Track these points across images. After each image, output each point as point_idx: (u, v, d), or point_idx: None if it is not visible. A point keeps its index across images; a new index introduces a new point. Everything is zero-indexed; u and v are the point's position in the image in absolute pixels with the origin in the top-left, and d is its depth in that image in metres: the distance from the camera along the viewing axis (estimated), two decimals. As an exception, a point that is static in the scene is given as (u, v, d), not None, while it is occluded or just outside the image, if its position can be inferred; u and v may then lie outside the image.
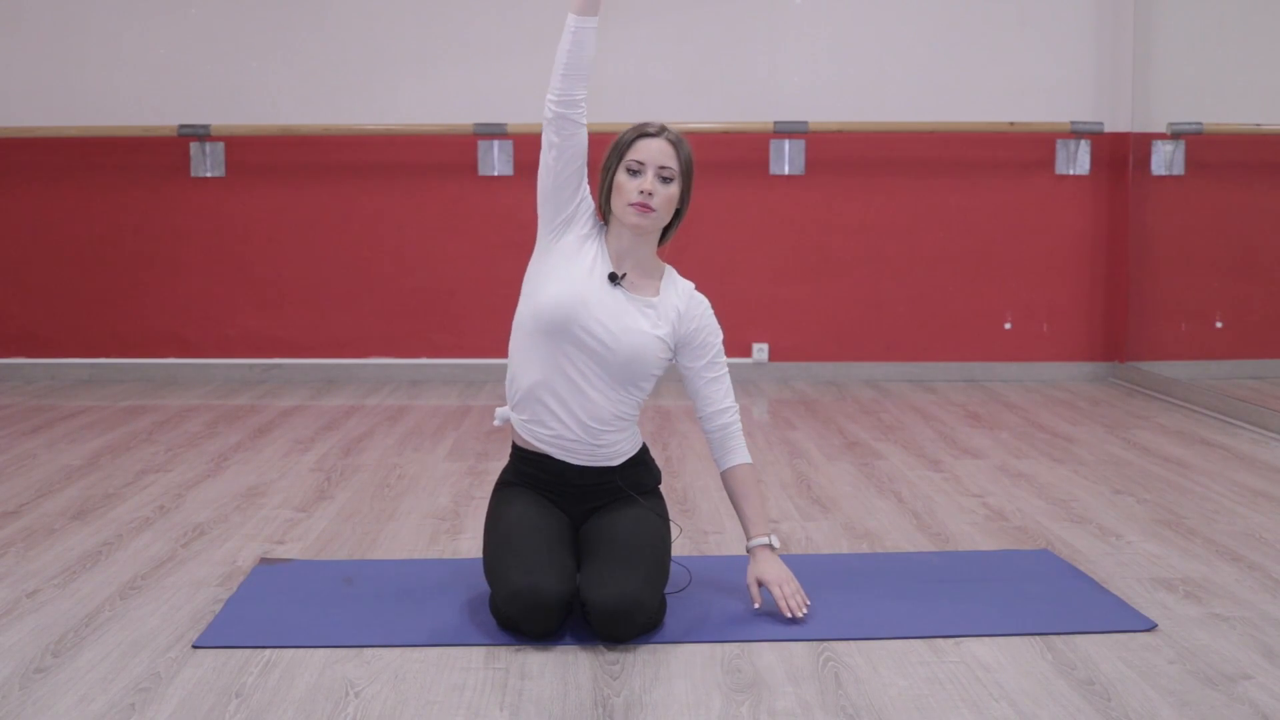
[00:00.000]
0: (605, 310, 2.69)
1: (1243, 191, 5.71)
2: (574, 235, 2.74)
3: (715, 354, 2.80)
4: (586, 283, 2.70)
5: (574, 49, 2.62)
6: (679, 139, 2.77)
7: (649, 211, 2.68)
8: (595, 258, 2.73)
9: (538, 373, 2.72)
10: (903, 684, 2.37)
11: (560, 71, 2.63)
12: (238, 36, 5.98)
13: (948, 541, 3.35)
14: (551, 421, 2.73)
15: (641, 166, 2.69)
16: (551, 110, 2.64)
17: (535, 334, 2.72)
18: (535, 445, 2.77)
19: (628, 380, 2.72)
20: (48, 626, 2.66)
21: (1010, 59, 6.01)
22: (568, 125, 2.65)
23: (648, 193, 2.68)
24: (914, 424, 4.97)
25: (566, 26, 2.62)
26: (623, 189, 2.69)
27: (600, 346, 2.68)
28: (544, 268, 2.75)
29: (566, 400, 2.71)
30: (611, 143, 2.75)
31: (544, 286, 2.71)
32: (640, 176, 2.69)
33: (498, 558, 2.64)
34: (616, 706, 2.27)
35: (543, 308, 2.69)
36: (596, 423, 2.72)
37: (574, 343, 2.69)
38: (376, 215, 6.05)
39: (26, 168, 6.02)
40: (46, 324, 6.10)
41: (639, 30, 5.98)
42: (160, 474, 4.10)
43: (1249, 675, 2.42)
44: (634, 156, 2.70)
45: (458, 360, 6.09)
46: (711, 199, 6.04)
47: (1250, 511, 3.63)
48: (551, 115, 2.64)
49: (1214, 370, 5.62)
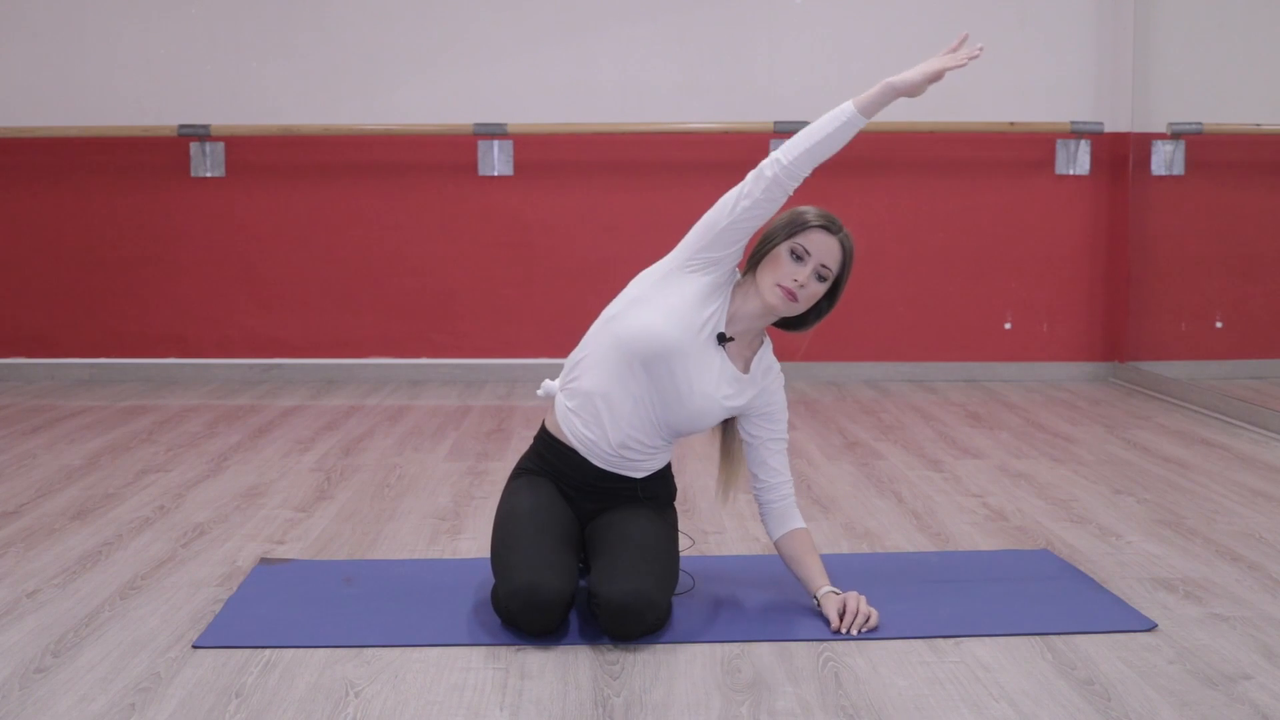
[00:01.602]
0: (696, 365, 2.67)
1: (1243, 191, 5.71)
2: (709, 279, 2.68)
3: (783, 428, 2.80)
4: (694, 336, 2.66)
5: (834, 138, 2.62)
6: (851, 247, 2.71)
7: (792, 301, 2.66)
8: (715, 314, 2.69)
9: (604, 382, 2.71)
10: (903, 684, 2.37)
11: (806, 146, 2.61)
12: (238, 36, 5.98)
13: (948, 541, 3.35)
14: (593, 426, 2.73)
15: (807, 256, 2.65)
16: (773, 172, 2.61)
17: (620, 347, 2.69)
18: (566, 438, 2.77)
19: (676, 429, 2.74)
20: (48, 626, 2.66)
21: (1010, 59, 6.01)
22: (777, 191, 2.63)
23: (800, 284, 2.64)
24: (914, 424, 4.97)
25: (841, 113, 2.62)
26: (779, 265, 2.65)
27: (673, 394, 2.68)
28: (664, 290, 2.69)
29: (617, 416, 2.71)
30: (790, 210, 2.69)
31: (651, 312, 2.67)
32: (800, 265, 2.65)
33: (504, 552, 2.64)
34: (616, 706, 2.28)
35: (638, 335, 2.66)
36: (632, 445, 2.74)
37: (651, 377, 2.68)
38: (376, 215, 6.05)
39: (26, 168, 6.02)
40: (46, 324, 6.10)
41: (639, 30, 5.98)
42: (160, 474, 4.10)
43: (1249, 675, 2.42)
44: (804, 242, 2.65)
45: (458, 360, 6.09)
46: (711, 199, 6.04)
47: (1250, 511, 3.63)
48: (770, 176, 2.61)
49: (1214, 370, 5.62)
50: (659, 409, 2.71)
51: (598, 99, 5.99)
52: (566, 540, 2.69)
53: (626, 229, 6.02)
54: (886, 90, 2.65)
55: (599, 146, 6.01)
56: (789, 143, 2.64)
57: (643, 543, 2.65)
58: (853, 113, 2.63)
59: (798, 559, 2.76)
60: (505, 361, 6.03)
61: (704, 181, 6.25)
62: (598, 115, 5.97)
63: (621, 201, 6.03)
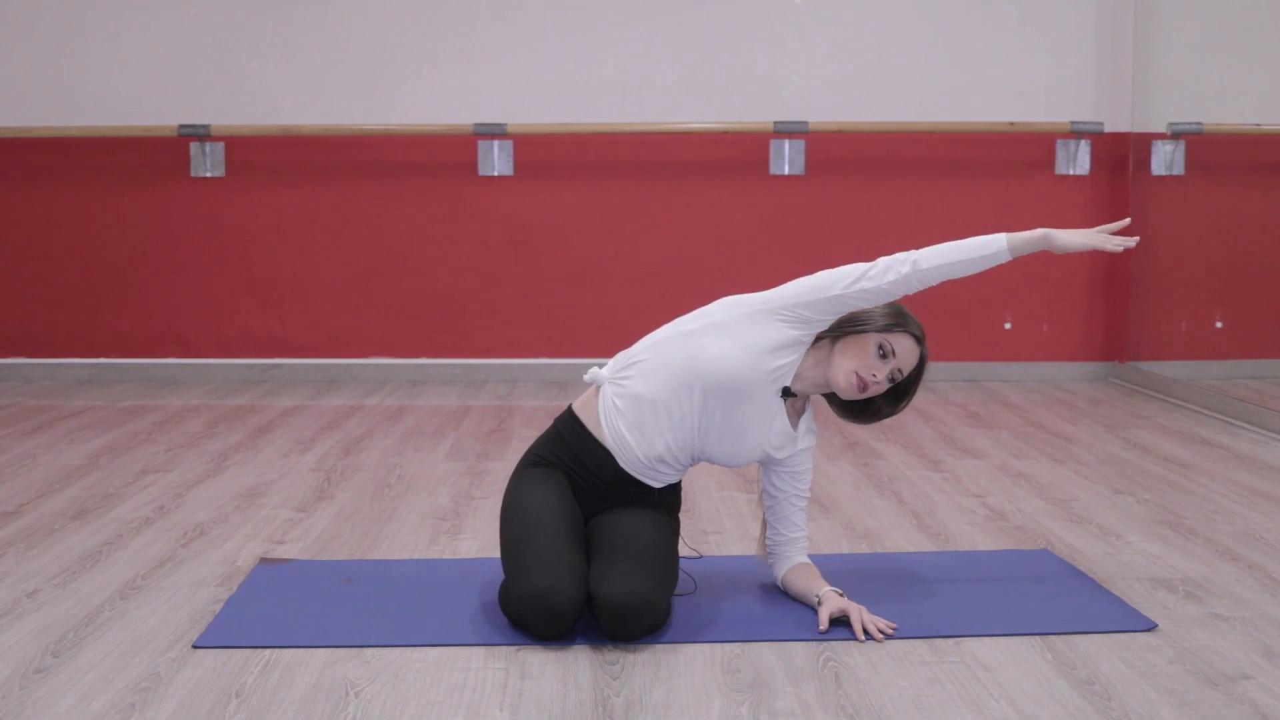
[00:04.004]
0: (755, 410, 2.69)
1: (1243, 191, 5.72)
2: (796, 334, 2.68)
3: (807, 487, 2.82)
4: (762, 381, 2.67)
5: (976, 264, 2.64)
6: (925, 361, 2.73)
7: (860, 392, 2.67)
8: (787, 367, 2.69)
9: (659, 391, 2.71)
10: (903, 684, 2.37)
11: (948, 261, 2.62)
12: (238, 36, 5.98)
13: (948, 541, 3.35)
14: (634, 430, 2.72)
15: (891, 356, 2.66)
16: (907, 270, 2.60)
17: (688, 366, 2.69)
18: (601, 433, 2.76)
19: (709, 458, 2.77)
20: (48, 626, 2.67)
21: (1010, 59, 6.01)
22: (901, 288, 2.63)
23: (875, 379, 2.65)
24: (914, 424, 4.97)
25: (992, 243, 2.63)
26: (863, 354, 2.66)
27: (721, 429, 2.70)
28: (748, 326, 2.69)
29: (662, 429, 2.71)
30: (895, 304, 2.70)
31: (730, 343, 2.67)
32: (883, 362, 2.66)
33: (518, 551, 2.62)
34: (616, 706, 2.28)
35: (712, 360, 2.66)
36: (667, 460, 2.75)
37: (705, 405, 2.69)
38: (376, 215, 6.05)
39: (26, 168, 6.02)
40: (46, 324, 6.10)
41: (639, 30, 5.98)
42: (160, 474, 4.10)
43: (1249, 675, 2.42)
44: (892, 341, 2.66)
45: (458, 360, 6.09)
46: (711, 199, 6.05)
47: (1250, 511, 3.63)
48: (903, 274, 2.61)
49: (1214, 370, 5.62)
50: (699, 437, 2.72)
51: (598, 99, 5.99)
52: (579, 542, 2.68)
53: (626, 229, 6.02)
54: (1042, 240, 2.67)
55: (599, 146, 6.01)
56: (932, 250, 2.63)
57: (642, 543, 2.65)
58: (1003, 248, 2.64)
59: (800, 581, 2.77)
60: (505, 361, 6.03)
61: (704, 181, 6.28)
62: (598, 115, 5.97)
63: (621, 201, 6.03)
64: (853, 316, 2.69)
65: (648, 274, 6.00)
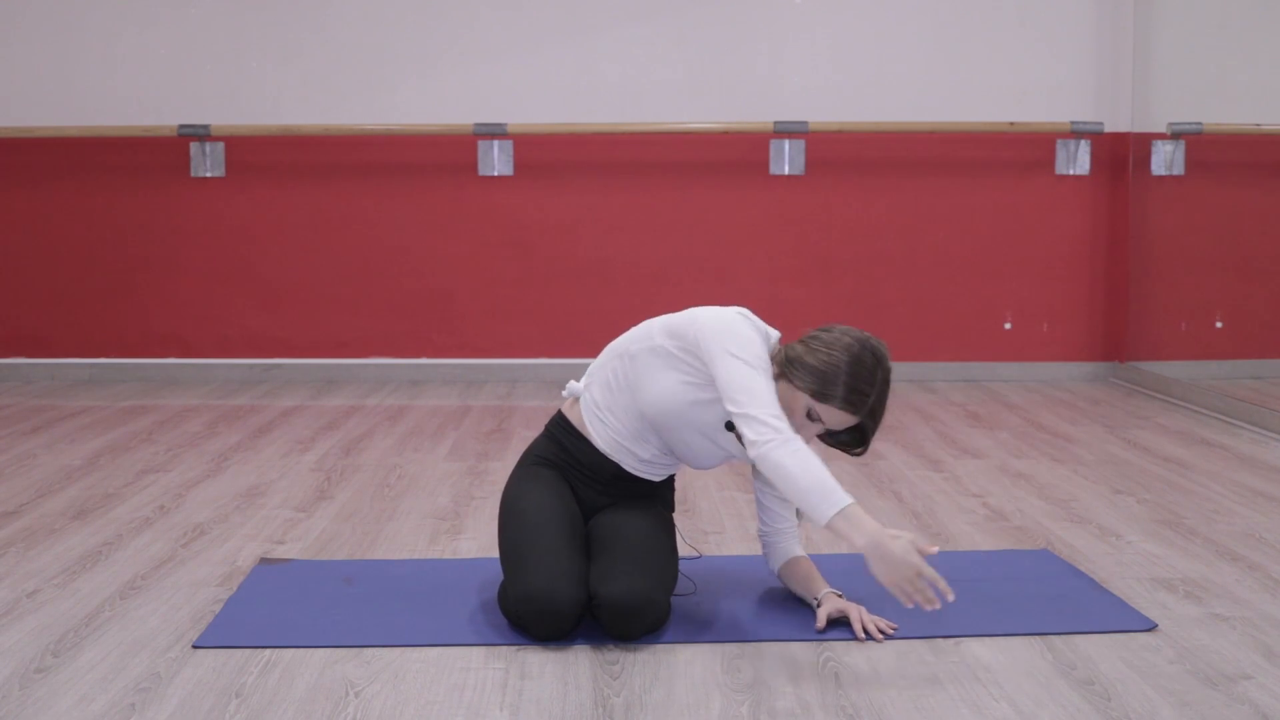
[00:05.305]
0: (706, 431, 2.68)
1: (1243, 191, 5.71)
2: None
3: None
4: (704, 414, 2.65)
5: (798, 503, 2.50)
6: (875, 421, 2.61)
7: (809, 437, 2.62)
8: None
9: (619, 409, 2.74)
10: (903, 684, 2.37)
11: (782, 483, 2.48)
12: (238, 36, 5.98)
13: (948, 541, 3.35)
14: (618, 434, 2.75)
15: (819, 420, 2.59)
16: (754, 454, 2.49)
17: (633, 398, 2.70)
18: (588, 434, 2.77)
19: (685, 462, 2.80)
20: (48, 626, 2.66)
21: (1010, 59, 6.01)
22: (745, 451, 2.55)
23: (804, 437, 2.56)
24: (914, 424, 4.97)
25: (825, 506, 2.44)
26: (793, 410, 2.57)
27: (681, 441, 2.72)
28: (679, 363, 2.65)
29: (638, 435, 2.73)
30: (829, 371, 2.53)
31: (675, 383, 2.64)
32: (810, 423, 2.59)
33: (518, 551, 2.63)
34: (616, 706, 2.27)
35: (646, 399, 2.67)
36: (648, 460, 2.77)
37: (658, 425, 2.70)
38: (376, 215, 6.05)
39: (26, 168, 6.02)
40: (46, 324, 6.10)
41: (639, 30, 5.98)
42: (160, 474, 4.10)
43: (1249, 675, 2.42)
44: (819, 410, 2.57)
45: (458, 360, 6.09)
46: (711, 199, 6.05)
47: (1250, 511, 3.63)
48: (751, 451, 2.49)
49: (1214, 370, 5.62)
50: (667, 448, 2.76)
51: (598, 99, 5.99)
52: (578, 543, 2.68)
53: (626, 229, 6.02)
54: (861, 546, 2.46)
55: (599, 146, 6.01)
56: (790, 460, 2.47)
57: (641, 542, 2.65)
58: (825, 516, 2.45)
59: (800, 577, 2.77)
60: (505, 361, 6.03)
61: (704, 181, 6.28)
62: (598, 115, 5.97)
63: (621, 201, 6.03)
64: (792, 360, 2.58)
65: (648, 274, 6.00)
